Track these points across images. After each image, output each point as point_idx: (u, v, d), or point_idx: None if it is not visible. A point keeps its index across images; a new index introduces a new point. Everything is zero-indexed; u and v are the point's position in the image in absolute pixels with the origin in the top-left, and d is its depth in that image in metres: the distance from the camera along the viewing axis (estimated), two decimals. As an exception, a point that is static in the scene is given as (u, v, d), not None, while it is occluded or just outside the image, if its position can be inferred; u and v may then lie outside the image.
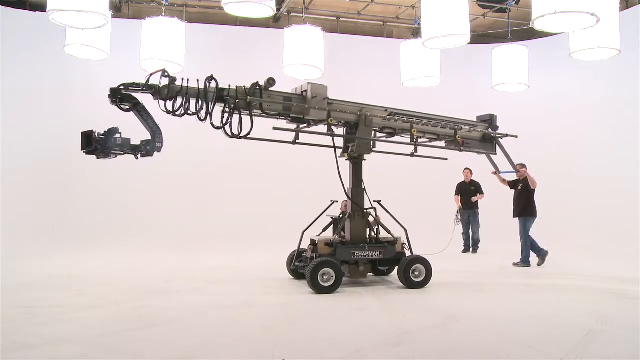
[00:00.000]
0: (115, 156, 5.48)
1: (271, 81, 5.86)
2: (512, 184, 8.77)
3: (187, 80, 5.49)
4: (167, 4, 9.26)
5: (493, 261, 8.98)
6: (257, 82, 5.85)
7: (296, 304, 5.45)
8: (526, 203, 8.48)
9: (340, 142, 6.72)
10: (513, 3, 11.04)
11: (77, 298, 5.71)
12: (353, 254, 6.35)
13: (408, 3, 11.97)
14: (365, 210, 6.64)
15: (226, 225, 11.19)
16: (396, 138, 6.99)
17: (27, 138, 10.97)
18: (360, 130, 6.48)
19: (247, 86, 5.82)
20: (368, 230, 6.65)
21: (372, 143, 6.75)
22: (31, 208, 10.80)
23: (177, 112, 5.49)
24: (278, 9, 11.35)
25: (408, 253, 6.69)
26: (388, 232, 6.71)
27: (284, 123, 6.47)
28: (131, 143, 5.47)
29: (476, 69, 12.22)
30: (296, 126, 6.55)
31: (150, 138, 5.52)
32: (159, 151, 5.57)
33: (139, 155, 5.55)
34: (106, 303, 5.45)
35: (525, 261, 8.37)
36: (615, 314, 4.95)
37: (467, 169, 10.66)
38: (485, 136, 7.48)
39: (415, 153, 6.90)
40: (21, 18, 11.31)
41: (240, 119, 5.66)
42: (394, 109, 6.81)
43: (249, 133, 5.69)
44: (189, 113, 5.53)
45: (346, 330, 4.39)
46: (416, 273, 6.32)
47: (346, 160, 6.73)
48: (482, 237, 10.43)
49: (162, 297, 5.79)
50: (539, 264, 8.39)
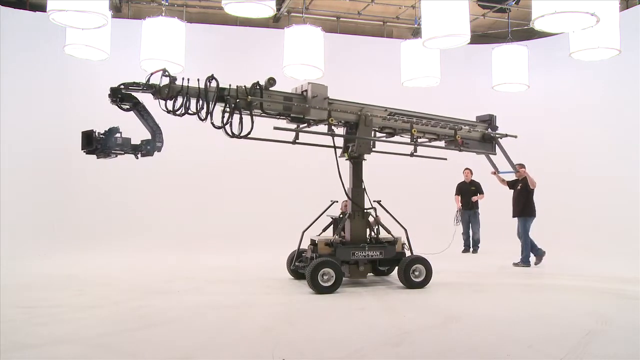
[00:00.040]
0: (115, 156, 5.47)
1: (271, 81, 5.86)
2: (511, 184, 8.78)
3: (188, 79, 5.48)
4: (167, 4, 9.26)
5: (493, 261, 8.98)
6: (258, 82, 5.84)
7: (296, 304, 5.45)
8: (525, 203, 8.49)
9: (340, 142, 6.72)
10: (513, 3, 11.05)
11: (77, 298, 5.71)
12: (353, 254, 6.35)
13: (408, 3, 11.98)
14: (365, 210, 6.64)
15: (226, 225, 11.19)
16: (396, 138, 6.99)
17: (27, 138, 10.97)
18: (360, 130, 6.48)
19: (248, 86, 5.82)
20: (368, 230, 6.65)
21: (372, 143, 6.75)
22: (31, 208, 10.81)
23: (178, 112, 5.49)
24: (278, 9, 11.35)
25: (408, 253, 6.69)
26: (388, 232, 6.70)
27: (284, 123, 6.47)
28: (131, 143, 5.47)
29: (476, 69, 12.23)
30: (296, 126, 6.54)
31: (150, 138, 5.52)
32: (159, 151, 5.56)
33: (139, 154, 5.55)
34: (106, 303, 5.45)
35: (525, 261, 8.38)
36: (615, 314, 4.95)
37: (467, 169, 10.66)
38: (484, 136, 7.49)
39: (414, 153, 6.90)
40: (21, 18, 11.32)
41: (240, 119, 5.66)
42: (394, 109, 6.81)
43: (250, 133, 5.69)
44: (190, 113, 5.53)
45: (346, 330, 4.38)
46: (416, 273, 6.31)
47: (346, 160, 6.72)
48: (482, 237, 10.44)
49: (162, 297, 5.79)
50: (536, 263, 8.43)
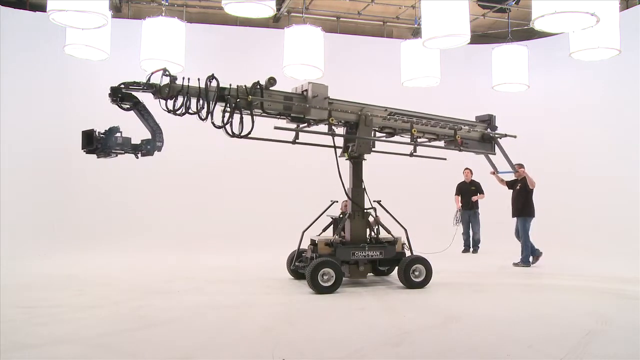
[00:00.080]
0: (115, 155, 5.47)
1: (272, 80, 5.85)
2: (510, 184, 8.78)
3: (188, 79, 5.48)
4: (167, 4, 9.26)
5: (493, 261, 8.98)
6: (258, 82, 5.84)
7: (296, 304, 5.45)
8: (525, 203, 8.49)
9: (340, 142, 6.72)
10: (513, 3, 11.04)
11: (77, 298, 5.71)
12: (353, 254, 6.34)
13: (408, 3, 11.98)
14: (365, 210, 6.63)
15: (226, 225, 11.19)
16: (396, 138, 6.98)
17: (27, 138, 10.97)
18: (360, 129, 6.47)
19: (248, 86, 5.82)
20: (368, 230, 6.64)
21: (372, 143, 6.75)
22: (31, 208, 10.81)
23: (178, 111, 5.48)
24: (278, 9, 11.35)
25: (408, 253, 6.69)
26: (388, 232, 6.70)
27: (284, 123, 6.46)
28: (131, 142, 5.47)
29: (476, 69, 12.22)
30: (296, 126, 6.54)
31: (150, 137, 5.51)
32: (160, 150, 5.56)
33: (139, 154, 5.55)
34: (106, 303, 5.45)
35: (525, 261, 8.37)
36: (615, 314, 4.95)
37: (468, 169, 10.66)
38: (484, 136, 7.49)
39: (414, 153, 6.89)
40: (21, 18, 11.32)
41: (241, 119, 5.65)
42: (394, 109, 6.81)
43: (250, 132, 5.69)
44: (190, 112, 5.52)
45: (346, 330, 4.38)
46: (416, 273, 6.31)
47: (346, 160, 6.72)
48: (482, 237, 10.43)
49: (162, 297, 5.79)
50: (532, 263, 8.44)
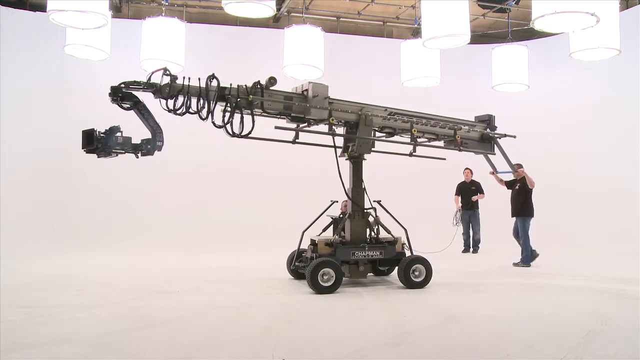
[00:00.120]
0: (116, 155, 5.46)
1: (272, 80, 5.85)
2: (509, 184, 8.79)
3: (189, 79, 5.47)
4: (167, 4, 9.26)
5: (493, 261, 8.98)
6: (259, 81, 5.84)
7: (296, 304, 5.44)
8: (524, 203, 8.49)
9: (340, 142, 6.72)
10: (513, 3, 11.05)
11: (77, 298, 5.70)
12: (353, 254, 6.34)
13: (408, 3, 11.98)
14: (365, 210, 6.63)
15: (226, 225, 11.19)
16: (395, 138, 6.98)
17: (27, 138, 10.97)
18: (360, 129, 6.47)
19: (248, 85, 5.82)
20: (368, 230, 6.64)
21: (372, 142, 6.75)
22: (31, 208, 10.81)
23: (179, 111, 5.48)
24: (278, 9, 11.35)
25: (408, 253, 6.69)
26: (388, 232, 6.70)
27: (284, 122, 6.46)
28: (132, 142, 5.46)
29: (476, 69, 12.23)
30: (296, 125, 6.54)
31: (150, 137, 5.51)
32: (160, 150, 5.55)
33: (140, 154, 5.54)
34: (106, 303, 5.45)
35: (525, 261, 8.37)
36: (615, 314, 4.94)
37: (468, 169, 10.65)
38: (483, 136, 7.49)
39: (413, 153, 6.89)
40: (21, 18, 11.32)
41: (241, 118, 5.65)
42: (394, 109, 6.81)
43: (250, 132, 5.68)
44: (190, 112, 5.52)
45: (346, 330, 4.38)
46: (416, 273, 6.31)
47: (346, 159, 6.72)
48: (482, 237, 10.43)
49: (162, 297, 5.78)
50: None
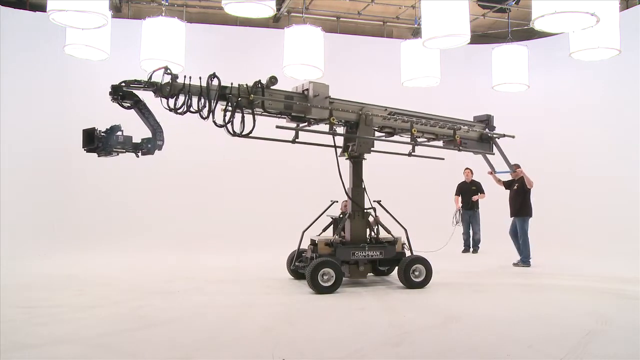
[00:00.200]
0: (116, 154, 5.45)
1: (273, 79, 5.85)
2: (507, 184, 8.79)
3: (190, 78, 5.47)
4: (167, 4, 9.26)
5: (493, 261, 8.98)
6: (259, 81, 5.84)
7: (296, 304, 5.44)
8: (522, 203, 8.50)
9: (340, 142, 6.72)
10: (513, 3, 11.05)
11: (77, 298, 5.70)
12: (353, 254, 6.34)
13: (408, 3, 11.98)
14: (365, 210, 6.63)
15: (226, 225, 11.19)
16: (395, 137, 6.98)
17: (27, 138, 10.97)
18: (360, 129, 6.47)
19: (249, 85, 5.82)
20: (368, 230, 6.64)
21: (372, 142, 6.75)
22: (31, 208, 10.81)
23: (179, 110, 5.47)
24: (278, 9, 11.35)
25: (408, 253, 6.69)
26: (388, 232, 6.70)
27: (284, 122, 6.46)
28: (132, 141, 5.46)
29: (476, 69, 12.23)
30: (296, 125, 6.54)
31: (151, 136, 5.50)
32: (160, 149, 5.54)
33: (140, 153, 5.53)
34: (106, 303, 5.45)
35: (525, 261, 8.37)
36: (615, 314, 4.95)
37: (468, 169, 10.65)
38: (482, 136, 7.50)
39: (412, 153, 6.88)
40: (21, 18, 11.32)
41: (242, 117, 5.65)
42: (394, 109, 6.81)
43: (251, 132, 5.68)
44: (191, 111, 5.51)
45: (346, 330, 4.38)
46: (416, 273, 6.31)
47: (346, 159, 6.72)
48: (482, 237, 10.43)
49: (162, 297, 5.78)
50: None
